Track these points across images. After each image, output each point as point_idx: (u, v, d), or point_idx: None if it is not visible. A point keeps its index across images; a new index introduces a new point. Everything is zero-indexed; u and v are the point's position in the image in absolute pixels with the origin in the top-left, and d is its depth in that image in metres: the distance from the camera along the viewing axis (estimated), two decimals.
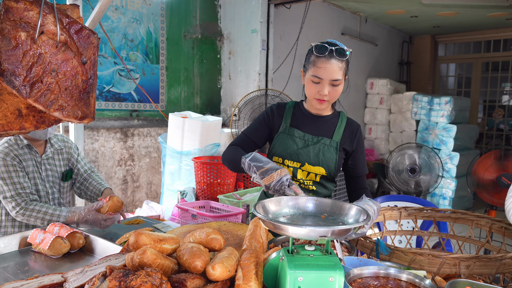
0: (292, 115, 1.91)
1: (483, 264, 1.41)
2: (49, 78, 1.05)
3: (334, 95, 1.76)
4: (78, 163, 2.36)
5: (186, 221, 2.20)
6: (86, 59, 1.08)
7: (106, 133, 3.73)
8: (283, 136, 1.88)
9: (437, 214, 2.05)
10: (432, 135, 6.52)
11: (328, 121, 1.89)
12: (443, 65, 8.95)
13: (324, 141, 1.85)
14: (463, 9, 6.37)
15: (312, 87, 1.75)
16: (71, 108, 1.08)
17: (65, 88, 1.07)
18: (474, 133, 7.16)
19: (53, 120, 1.12)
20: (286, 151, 1.86)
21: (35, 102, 1.03)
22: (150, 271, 1.07)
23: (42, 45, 1.03)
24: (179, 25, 4.37)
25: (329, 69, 1.69)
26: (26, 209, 2.01)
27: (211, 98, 4.80)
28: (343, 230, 1.05)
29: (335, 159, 1.84)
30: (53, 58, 1.05)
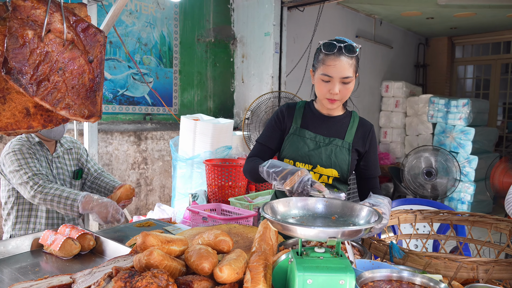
0: (303, 115, 1.87)
1: (502, 268, 1.35)
2: (56, 76, 1.05)
3: (345, 93, 1.70)
4: (88, 163, 2.40)
5: (197, 223, 2.19)
6: (93, 57, 1.07)
7: (119, 137, 3.76)
8: (293, 137, 1.84)
9: (454, 217, 1.99)
10: (449, 138, 6.39)
11: (339, 121, 1.85)
12: (461, 67, 8.79)
13: (336, 142, 1.81)
14: (481, 9, 6.25)
15: (323, 86, 1.70)
16: (77, 107, 1.08)
17: (72, 87, 1.07)
18: (493, 136, 6.99)
19: (60, 119, 1.12)
20: (297, 153, 1.81)
21: (42, 101, 1.02)
22: (156, 272, 1.06)
23: (49, 44, 1.03)
24: (192, 29, 4.39)
25: (339, 66, 1.65)
26: (45, 187, 2.01)
27: (224, 101, 4.80)
28: (353, 231, 1.02)
29: (347, 160, 1.79)
30: (60, 57, 1.05)
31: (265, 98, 3.43)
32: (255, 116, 3.34)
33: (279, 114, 1.89)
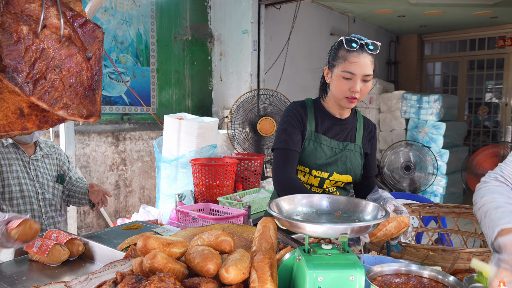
0: (315, 117, 1.77)
1: None
2: (53, 74, 1.00)
3: (364, 92, 1.65)
4: (70, 171, 2.33)
5: (186, 224, 2.15)
6: (91, 54, 1.03)
7: (97, 138, 3.65)
8: (310, 143, 1.74)
9: (441, 209, 2.03)
10: (422, 133, 6.57)
11: (349, 123, 1.81)
12: (430, 64, 9.05)
13: (349, 146, 1.78)
14: (449, 7, 6.45)
15: (343, 84, 1.62)
16: (76, 106, 1.03)
17: (69, 85, 1.02)
18: (462, 130, 7.24)
19: (56, 120, 1.07)
20: (314, 162, 1.74)
21: (38, 100, 0.97)
22: (163, 276, 1.02)
23: (45, 40, 0.98)
24: (169, 27, 4.31)
25: (362, 63, 1.59)
26: None
27: (202, 100, 4.74)
28: (363, 227, 1.02)
29: (361, 165, 1.79)
30: (56, 54, 1.00)
31: (245, 98, 3.42)
32: (239, 114, 3.31)
33: (296, 114, 1.75)
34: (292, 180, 1.65)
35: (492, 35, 8.12)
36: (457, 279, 1.00)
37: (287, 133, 1.73)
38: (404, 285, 1.03)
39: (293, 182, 1.65)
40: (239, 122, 3.30)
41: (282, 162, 1.69)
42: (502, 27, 7.87)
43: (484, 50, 8.32)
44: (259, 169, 2.76)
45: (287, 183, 1.65)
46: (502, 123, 8.24)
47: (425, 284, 1.04)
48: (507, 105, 8.16)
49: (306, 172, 1.77)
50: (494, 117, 8.45)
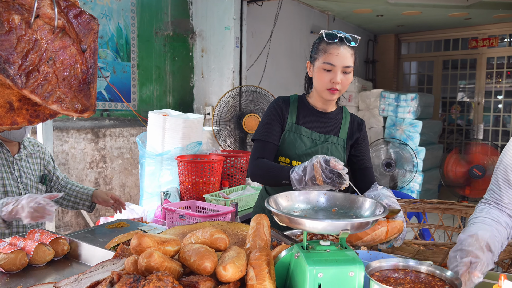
0: (297, 110, 1.82)
1: None
2: (46, 67, 0.96)
3: (345, 83, 1.70)
4: (56, 170, 2.25)
5: (173, 222, 2.12)
6: (86, 46, 0.99)
7: (76, 134, 3.55)
8: (290, 134, 1.80)
9: (426, 205, 2.07)
10: (399, 131, 6.69)
11: (333, 117, 1.84)
12: (406, 63, 9.23)
13: (332, 139, 1.80)
14: (426, 8, 6.59)
15: (324, 76, 1.68)
16: (70, 101, 0.99)
17: (63, 79, 0.98)
18: (438, 128, 7.43)
19: (48, 114, 1.03)
20: (294, 152, 1.78)
21: (31, 94, 0.93)
22: (160, 275, 1.00)
23: (38, 30, 0.94)
24: (150, 22, 4.24)
25: (342, 55, 1.65)
26: None
27: (183, 96, 4.69)
28: (363, 223, 1.02)
29: (343, 158, 1.80)
30: (49, 45, 0.96)
31: (232, 93, 3.39)
32: (223, 111, 3.29)
33: (276, 107, 1.82)
34: (263, 161, 1.73)
35: (466, 36, 8.35)
36: (454, 274, 1.01)
37: (266, 126, 1.80)
38: (402, 280, 1.04)
39: (264, 161, 1.72)
40: (224, 119, 3.28)
41: (258, 152, 1.77)
42: (475, 28, 8.10)
43: (458, 50, 8.54)
44: (245, 166, 2.74)
45: (259, 163, 1.72)
46: (474, 121, 8.48)
47: (422, 278, 1.05)
48: (479, 104, 8.41)
49: (287, 163, 1.80)
50: (466, 115, 8.70)
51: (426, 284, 1.03)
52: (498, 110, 8.32)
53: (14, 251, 1.50)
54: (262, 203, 1.98)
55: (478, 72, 8.31)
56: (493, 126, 8.33)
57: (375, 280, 1.01)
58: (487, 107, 8.37)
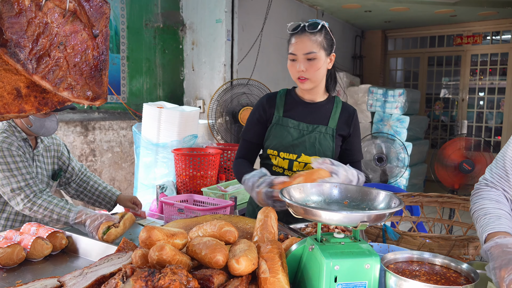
0: (285, 103, 1.84)
1: None
2: (57, 52, 0.91)
3: (311, 71, 1.69)
4: (71, 161, 2.16)
5: (171, 216, 2.08)
6: (98, 31, 0.95)
7: (65, 127, 3.46)
8: (276, 127, 1.81)
9: (424, 199, 2.09)
10: (387, 126, 6.75)
11: (322, 107, 1.83)
12: (392, 59, 9.31)
13: (320, 129, 1.79)
14: (414, 4, 6.64)
15: (291, 66, 1.73)
16: (80, 88, 0.95)
17: (74, 65, 0.94)
18: (424, 124, 7.52)
19: (56, 102, 0.99)
20: (281, 144, 1.79)
21: (42, 80, 0.88)
22: (174, 269, 0.97)
23: (48, 13, 0.89)
24: (140, 13, 4.15)
25: (300, 43, 1.68)
26: (34, 203, 1.80)
27: (173, 90, 4.62)
28: (380, 214, 1.01)
29: (331, 147, 1.79)
30: (60, 29, 0.91)
31: (228, 86, 3.36)
32: (219, 104, 3.25)
33: (260, 107, 1.86)
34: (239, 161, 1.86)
35: (451, 33, 8.47)
36: (470, 266, 1.01)
37: (249, 124, 1.89)
38: (417, 272, 1.04)
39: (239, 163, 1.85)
40: (219, 112, 3.24)
41: (239, 152, 1.90)
42: (460, 25, 8.22)
43: (443, 47, 8.65)
44: None
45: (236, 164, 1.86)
46: (458, 117, 8.63)
47: (437, 270, 1.05)
48: (464, 100, 8.55)
49: (275, 155, 1.81)
50: (451, 111, 8.83)
51: (441, 275, 1.02)
52: (480, 107, 8.47)
53: (11, 245, 1.45)
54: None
55: (463, 68, 8.44)
56: (476, 122, 8.49)
57: (391, 272, 1.00)
58: (471, 103, 8.52)
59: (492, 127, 8.35)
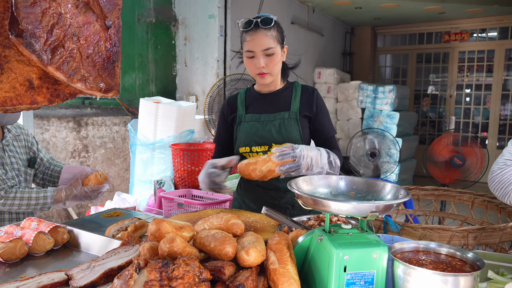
0: (245, 102, 1.88)
1: (488, 234, 1.47)
2: (71, 43, 0.91)
3: (271, 65, 1.71)
4: (40, 152, 2.15)
5: (170, 211, 2.08)
6: (110, 23, 0.95)
7: (57, 122, 3.42)
8: (241, 125, 1.84)
9: (421, 192, 2.12)
10: (377, 122, 6.82)
11: (280, 94, 1.85)
12: (382, 55, 9.40)
13: (282, 115, 1.81)
14: (404, 1, 6.71)
15: (249, 63, 1.72)
16: (93, 79, 0.95)
17: (87, 56, 0.94)
18: (413, 120, 7.62)
19: (68, 94, 0.98)
20: (249, 139, 1.81)
21: (56, 71, 0.88)
22: (187, 260, 0.98)
23: (62, 4, 0.89)
24: (132, 8, 4.12)
25: (257, 39, 1.67)
26: (7, 198, 1.79)
27: (166, 85, 4.60)
28: (388, 205, 1.03)
29: (298, 130, 1.80)
30: (73, 20, 0.91)
31: (226, 80, 3.35)
32: (216, 99, 3.24)
33: (223, 111, 1.92)
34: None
35: (439, 30, 8.57)
36: (475, 255, 1.04)
37: (218, 129, 1.95)
38: (423, 261, 1.06)
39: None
40: (217, 107, 3.23)
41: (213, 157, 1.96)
42: (448, 22, 8.33)
43: (431, 44, 8.76)
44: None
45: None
46: (446, 113, 8.76)
47: (442, 259, 1.08)
48: (451, 96, 8.68)
49: (248, 151, 1.82)
50: (438, 108, 8.96)
51: (447, 264, 1.05)
52: (467, 103, 8.61)
53: (13, 240, 1.44)
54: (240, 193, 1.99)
55: (451, 65, 8.56)
56: (464, 118, 8.63)
57: (400, 260, 1.03)
58: (458, 100, 8.65)
59: (478, 123, 8.49)
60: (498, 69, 8.08)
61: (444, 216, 2.12)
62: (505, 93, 8.13)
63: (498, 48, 8.07)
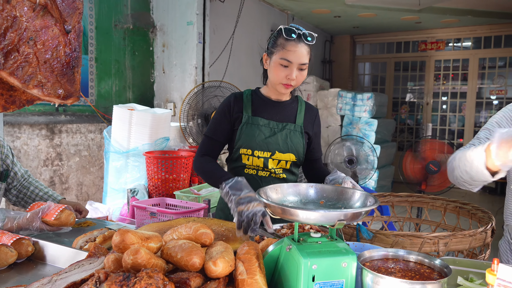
0: (252, 103, 1.86)
1: (458, 240, 1.48)
2: (27, 47, 0.87)
3: (300, 79, 1.75)
4: (14, 165, 2.05)
5: (143, 220, 2.03)
6: (70, 27, 0.91)
7: (29, 130, 3.33)
8: (247, 126, 1.82)
9: (395, 198, 2.14)
10: (356, 129, 6.89)
11: (288, 106, 1.88)
12: (360, 64, 9.53)
13: (289, 126, 1.84)
14: (381, 11, 6.83)
15: (280, 71, 1.71)
16: (51, 85, 0.91)
17: (44, 61, 0.90)
18: (391, 127, 7.73)
19: (24, 101, 0.95)
20: (254, 142, 1.81)
21: (10, 76, 0.84)
22: (150, 272, 0.95)
23: (17, 6, 0.85)
24: (109, 14, 4.06)
25: (299, 52, 1.68)
26: None
27: (144, 92, 4.54)
28: (357, 213, 1.02)
29: (302, 143, 1.85)
30: (30, 24, 0.88)
31: (200, 88, 3.33)
32: (192, 106, 3.21)
33: (227, 104, 1.86)
34: (208, 159, 1.80)
35: (416, 39, 8.76)
36: (443, 262, 1.04)
37: (215, 122, 1.85)
38: (392, 269, 1.06)
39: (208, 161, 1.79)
40: (191, 115, 3.20)
41: (204, 148, 1.84)
42: (425, 32, 8.52)
43: (409, 52, 8.93)
44: None
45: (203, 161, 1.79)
46: (423, 120, 8.91)
47: (411, 267, 1.07)
48: (428, 104, 8.85)
49: (249, 154, 1.82)
50: (416, 115, 9.11)
51: (416, 272, 1.05)
52: (443, 110, 8.79)
53: None
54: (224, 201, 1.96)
55: (427, 73, 8.74)
56: (440, 126, 8.80)
57: (368, 269, 1.02)
58: (435, 107, 8.83)
59: (454, 130, 8.67)
60: (472, 77, 8.29)
61: (418, 222, 2.13)
62: (479, 100, 8.33)
63: (472, 57, 8.28)
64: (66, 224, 1.77)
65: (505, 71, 8.12)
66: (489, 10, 6.77)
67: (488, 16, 7.07)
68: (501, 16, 7.05)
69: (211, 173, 1.71)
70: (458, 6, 6.66)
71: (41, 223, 1.73)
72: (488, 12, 6.86)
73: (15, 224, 1.74)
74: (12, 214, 1.76)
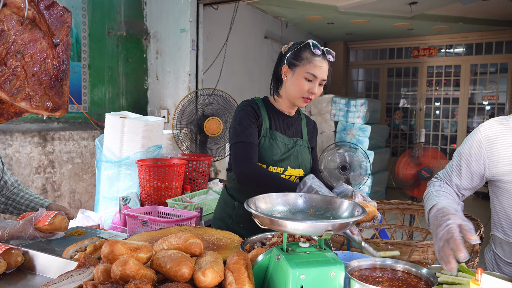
0: (267, 114, 1.84)
1: None
2: (14, 61, 0.88)
3: (318, 95, 1.78)
4: (5, 174, 2.05)
5: (135, 229, 2.03)
6: (58, 40, 0.92)
7: (21, 137, 3.32)
8: (265, 140, 1.81)
9: (386, 206, 2.15)
10: (349, 135, 6.92)
11: (296, 120, 1.91)
12: (354, 70, 9.59)
13: (299, 142, 1.87)
14: (374, 18, 6.89)
15: (304, 85, 1.71)
16: (40, 98, 0.92)
17: (32, 74, 0.91)
18: (385, 132, 7.77)
19: (13, 113, 0.95)
20: (271, 158, 1.80)
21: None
22: (138, 283, 0.95)
23: (5, 20, 0.86)
24: (102, 21, 4.07)
25: (324, 68, 1.71)
26: None
27: (137, 99, 4.54)
28: (344, 223, 1.03)
29: (309, 159, 1.89)
30: (18, 37, 0.88)
31: (193, 95, 3.34)
32: (184, 114, 3.22)
33: (252, 110, 1.78)
34: (260, 167, 1.66)
35: (409, 46, 8.84)
36: (429, 271, 1.05)
37: (244, 127, 1.74)
38: (380, 279, 1.07)
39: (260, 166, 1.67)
40: (184, 122, 3.21)
41: (245, 155, 1.68)
42: (417, 38, 8.60)
43: (401, 58, 9.01)
44: (207, 170, 2.70)
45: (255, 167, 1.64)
46: (416, 126, 8.97)
47: (399, 276, 1.08)
48: (421, 110, 8.91)
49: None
50: (410, 120, 9.17)
51: (403, 281, 1.05)
52: (436, 116, 8.85)
53: None
54: (225, 208, 1.95)
55: (420, 80, 8.81)
56: (433, 131, 8.86)
57: (356, 279, 1.02)
58: (428, 113, 8.89)
59: (447, 135, 8.73)
60: (464, 83, 8.37)
61: (409, 229, 2.15)
62: (471, 106, 8.40)
63: (464, 63, 8.36)
64: (60, 228, 1.76)
65: (496, 77, 8.21)
66: (480, 17, 6.85)
67: (479, 23, 7.15)
68: (491, 23, 7.14)
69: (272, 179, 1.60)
70: (449, 13, 6.74)
71: (34, 230, 1.72)
72: (479, 19, 6.94)
73: (7, 232, 1.73)
74: (3, 223, 1.76)
